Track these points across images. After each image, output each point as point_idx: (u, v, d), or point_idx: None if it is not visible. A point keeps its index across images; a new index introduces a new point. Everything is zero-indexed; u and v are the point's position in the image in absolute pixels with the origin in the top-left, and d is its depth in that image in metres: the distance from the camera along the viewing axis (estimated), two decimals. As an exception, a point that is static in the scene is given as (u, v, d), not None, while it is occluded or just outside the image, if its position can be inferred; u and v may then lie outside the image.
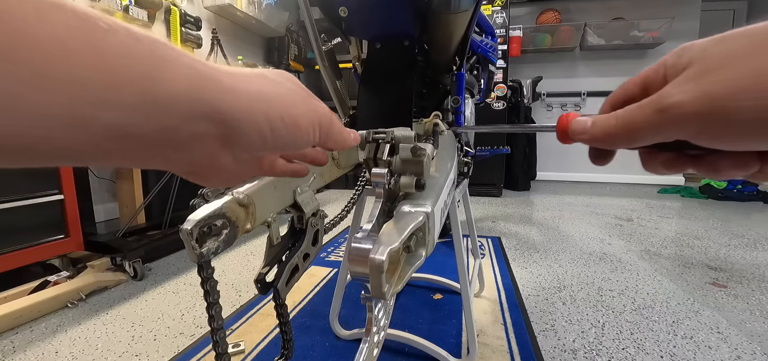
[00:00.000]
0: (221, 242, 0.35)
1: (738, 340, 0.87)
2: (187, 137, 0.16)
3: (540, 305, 1.04)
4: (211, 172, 0.19)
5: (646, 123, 0.19)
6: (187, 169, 0.19)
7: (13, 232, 1.07)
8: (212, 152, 0.18)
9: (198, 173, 0.20)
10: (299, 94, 0.22)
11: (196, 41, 2.21)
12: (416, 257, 0.33)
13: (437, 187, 0.42)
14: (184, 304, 1.07)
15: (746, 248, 1.58)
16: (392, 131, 0.35)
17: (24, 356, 0.83)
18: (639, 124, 0.19)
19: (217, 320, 0.38)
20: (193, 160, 0.18)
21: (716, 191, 2.80)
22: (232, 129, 0.17)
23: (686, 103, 0.17)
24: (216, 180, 0.20)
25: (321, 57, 0.77)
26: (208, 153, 0.18)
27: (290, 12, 3.05)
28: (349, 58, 0.81)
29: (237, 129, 0.18)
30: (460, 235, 0.74)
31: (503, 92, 2.83)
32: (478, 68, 1.20)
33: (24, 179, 1.10)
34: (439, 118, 0.57)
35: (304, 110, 0.21)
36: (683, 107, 0.17)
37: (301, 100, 0.21)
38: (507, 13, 2.77)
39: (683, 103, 0.17)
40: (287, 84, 0.21)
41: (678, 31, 3.34)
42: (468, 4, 0.64)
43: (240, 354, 0.81)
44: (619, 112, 0.20)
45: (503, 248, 1.54)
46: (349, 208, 0.57)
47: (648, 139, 0.19)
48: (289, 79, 0.22)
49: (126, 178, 1.57)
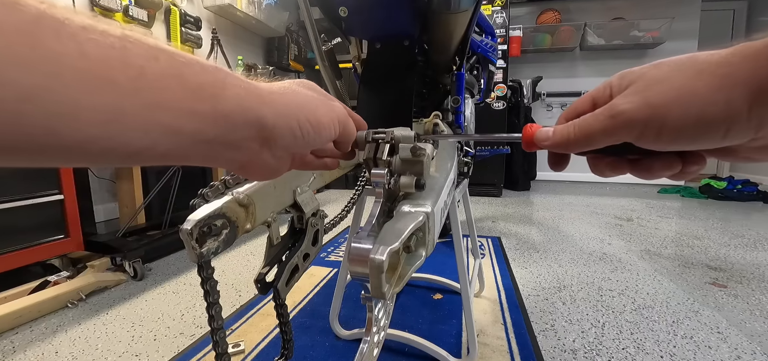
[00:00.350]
0: (221, 242, 0.35)
1: (738, 340, 0.87)
2: (239, 139, 0.21)
3: (540, 305, 1.04)
4: (255, 167, 0.24)
5: (600, 128, 0.23)
6: (237, 165, 0.23)
7: (13, 232, 1.07)
8: (256, 151, 0.23)
9: (245, 168, 0.24)
10: (320, 99, 0.27)
11: (196, 41, 2.20)
12: (416, 257, 0.33)
13: (437, 187, 0.42)
14: (184, 304, 1.07)
15: (746, 248, 1.58)
16: (392, 131, 0.35)
17: (24, 356, 0.83)
18: (594, 129, 0.23)
19: (217, 320, 0.38)
20: (242, 158, 0.22)
21: (716, 191, 2.80)
22: (271, 131, 0.22)
23: (631, 110, 0.22)
24: (259, 174, 0.25)
25: (321, 57, 0.77)
26: (254, 152, 0.22)
27: (290, 12, 3.05)
28: (349, 58, 0.81)
29: (275, 131, 0.22)
30: (460, 235, 0.74)
31: (503, 92, 2.83)
32: (478, 68, 1.20)
33: (24, 179, 1.10)
34: (439, 118, 0.57)
35: (325, 111, 0.26)
36: (629, 113, 0.22)
37: (322, 104, 0.26)
38: (507, 13, 2.77)
39: (629, 110, 0.22)
40: (310, 92, 0.26)
41: (678, 31, 3.34)
42: (468, 4, 0.64)
43: (240, 354, 0.81)
44: (577, 121, 0.25)
45: (503, 248, 1.54)
46: (349, 208, 0.57)
47: (601, 142, 0.24)
48: (311, 87, 0.27)
49: (126, 178, 1.57)
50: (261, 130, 0.22)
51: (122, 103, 0.15)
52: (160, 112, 0.17)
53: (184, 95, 0.17)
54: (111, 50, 0.15)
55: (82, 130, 0.14)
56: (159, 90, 0.16)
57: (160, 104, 0.17)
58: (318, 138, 0.26)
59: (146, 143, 0.17)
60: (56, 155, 0.15)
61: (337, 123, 0.27)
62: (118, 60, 0.15)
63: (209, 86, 0.19)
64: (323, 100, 0.27)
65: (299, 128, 0.24)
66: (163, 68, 0.17)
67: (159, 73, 0.16)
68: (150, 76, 0.16)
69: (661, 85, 0.21)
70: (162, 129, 0.17)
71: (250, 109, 0.21)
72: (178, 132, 0.18)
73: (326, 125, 0.26)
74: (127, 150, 0.16)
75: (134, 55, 0.16)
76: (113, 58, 0.15)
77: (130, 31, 0.16)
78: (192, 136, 0.18)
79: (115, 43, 0.15)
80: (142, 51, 0.16)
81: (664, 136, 0.21)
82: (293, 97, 0.24)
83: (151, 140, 0.17)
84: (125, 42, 0.15)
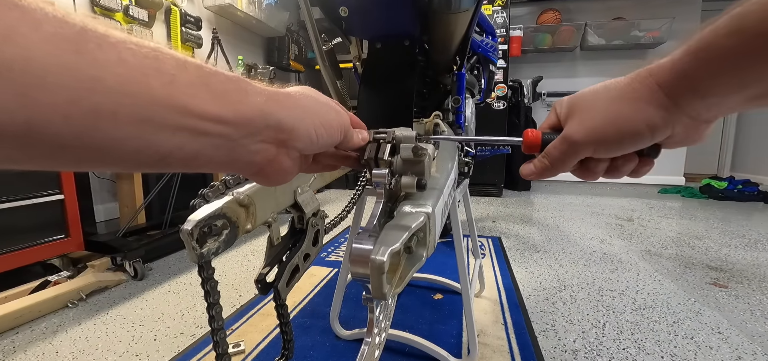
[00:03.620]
0: (221, 242, 0.35)
1: (739, 340, 0.87)
2: (259, 141, 0.23)
3: (540, 305, 1.04)
4: (272, 169, 0.25)
5: (562, 153, 0.31)
6: (255, 169, 0.24)
7: (13, 232, 1.07)
8: (274, 153, 0.24)
9: (262, 172, 0.25)
10: (329, 105, 0.29)
11: (197, 41, 2.20)
12: (417, 257, 0.33)
13: (438, 187, 0.42)
14: (184, 304, 1.07)
15: (747, 248, 1.58)
16: (393, 131, 0.35)
17: (24, 355, 0.83)
18: (558, 155, 0.31)
19: (217, 320, 0.38)
20: (260, 161, 0.23)
21: (717, 191, 2.80)
22: (290, 134, 0.24)
23: (579, 135, 0.30)
24: (274, 177, 0.25)
25: (321, 57, 0.77)
26: (272, 154, 0.24)
27: (290, 12, 3.04)
28: (349, 58, 0.81)
29: (293, 133, 0.24)
30: (460, 235, 0.74)
31: (503, 92, 2.83)
32: (478, 68, 1.20)
33: (24, 179, 1.10)
34: (440, 118, 0.57)
35: (334, 116, 0.28)
36: (578, 137, 0.30)
37: (331, 110, 0.28)
38: (507, 13, 2.77)
39: (577, 135, 0.30)
40: (319, 98, 0.28)
41: (678, 31, 3.33)
42: (469, 4, 0.63)
43: (240, 354, 0.81)
44: (547, 153, 0.32)
45: (503, 248, 1.54)
46: (349, 208, 0.57)
47: (569, 163, 0.31)
48: (319, 94, 0.29)
49: (126, 178, 1.56)
50: (280, 132, 0.23)
51: (155, 106, 0.17)
52: (189, 116, 0.18)
53: (211, 101, 0.19)
54: (146, 59, 0.16)
55: (119, 129, 0.16)
56: (188, 96, 0.18)
57: (189, 108, 0.18)
58: (329, 141, 0.28)
59: (174, 145, 0.18)
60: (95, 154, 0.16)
61: (342, 128, 0.29)
62: (153, 68, 0.17)
63: (233, 93, 0.21)
64: (331, 107, 0.29)
65: (315, 132, 0.26)
66: (192, 77, 0.18)
67: (188, 81, 0.18)
68: (180, 83, 0.18)
69: (593, 112, 0.29)
70: (189, 131, 0.19)
71: (270, 113, 0.22)
72: (204, 135, 0.19)
73: (335, 129, 0.28)
74: (157, 151, 0.18)
75: (166, 64, 0.17)
76: (148, 66, 0.16)
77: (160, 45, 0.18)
78: (216, 139, 0.20)
79: (149, 54, 0.17)
80: (173, 61, 0.18)
81: (612, 148, 0.29)
82: (308, 102, 0.26)
83: (179, 142, 0.18)
84: (158, 53, 0.17)
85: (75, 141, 0.15)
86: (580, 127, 0.29)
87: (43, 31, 0.13)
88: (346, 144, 0.32)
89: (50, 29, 0.13)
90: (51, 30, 0.13)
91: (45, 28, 0.13)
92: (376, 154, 0.34)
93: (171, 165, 0.19)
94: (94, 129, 0.15)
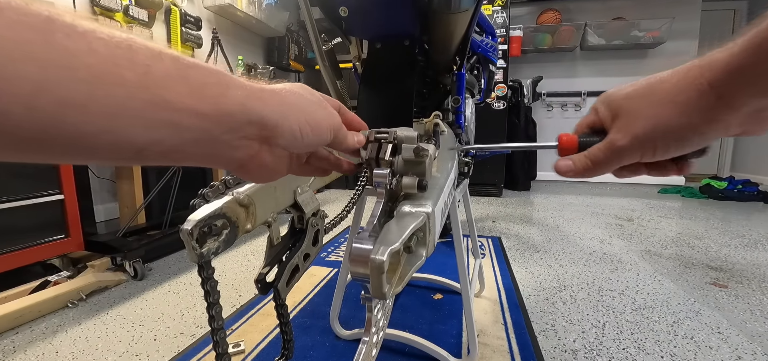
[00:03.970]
0: (221, 242, 0.35)
1: (739, 340, 0.87)
2: (240, 138, 0.22)
3: (540, 305, 1.04)
4: (254, 166, 0.24)
5: (607, 158, 0.30)
6: (237, 164, 0.24)
7: (13, 232, 1.07)
8: (256, 150, 0.23)
9: (244, 167, 0.24)
10: (319, 103, 0.28)
11: (197, 41, 2.20)
12: (417, 257, 0.33)
13: (438, 187, 0.42)
14: (184, 304, 1.07)
15: (747, 248, 1.58)
16: (395, 131, 0.35)
17: (24, 355, 0.83)
18: (603, 159, 0.31)
19: (217, 320, 0.38)
20: (242, 157, 0.23)
21: (716, 191, 2.80)
22: (272, 131, 0.23)
23: (625, 142, 0.29)
24: (257, 174, 0.25)
25: (321, 57, 0.77)
26: (254, 151, 0.23)
27: (290, 12, 3.04)
28: (349, 58, 0.81)
29: (276, 130, 0.23)
30: (460, 235, 0.74)
31: (503, 92, 2.83)
32: (478, 68, 1.20)
33: (24, 179, 1.10)
34: (440, 118, 0.57)
35: (323, 115, 0.27)
36: (624, 144, 0.29)
37: (321, 108, 0.27)
38: (507, 13, 2.77)
39: (623, 142, 0.29)
40: (309, 96, 0.27)
41: (678, 31, 3.33)
42: (468, 4, 0.63)
43: (240, 354, 0.81)
44: (589, 154, 0.32)
45: (503, 248, 1.54)
46: (349, 208, 0.56)
47: (613, 167, 0.31)
48: (310, 91, 0.28)
49: (126, 178, 1.57)
50: (262, 128, 0.22)
51: (129, 98, 0.16)
52: (165, 109, 0.17)
53: (189, 94, 0.18)
54: (118, 49, 0.16)
55: (91, 123, 0.15)
56: (164, 88, 0.17)
57: (165, 101, 0.17)
58: (316, 140, 0.27)
59: (150, 139, 0.17)
60: (64, 148, 0.15)
61: (332, 128, 0.28)
62: (126, 58, 0.16)
63: (213, 86, 0.20)
64: (322, 105, 0.28)
65: (299, 129, 0.25)
66: (168, 68, 0.18)
67: (164, 73, 0.17)
68: (155, 75, 0.17)
69: (640, 118, 0.28)
70: (166, 126, 0.18)
71: (252, 109, 0.21)
72: (181, 129, 0.18)
73: (324, 129, 0.27)
74: (131, 145, 0.17)
75: (140, 54, 0.16)
76: (120, 56, 0.16)
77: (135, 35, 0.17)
78: (195, 133, 0.19)
79: (122, 43, 0.16)
80: (147, 52, 0.17)
81: (658, 153, 0.29)
82: (294, 99, 0.25)
83: (155, 137, 0.17)
84: (131, 43, 0.16)
85: (41, 133, 0.14)
86: (626, 134, 0.29)
87: (4, 17, 0.12)
88: (339, 145, 0.30)
89: (12, 16, 0.13)
90: (12, 17, 0.13)
91: (6, 14, 0.12)
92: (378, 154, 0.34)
93: (149, 158, 0.19)
94: (62, 122, 0.14)
